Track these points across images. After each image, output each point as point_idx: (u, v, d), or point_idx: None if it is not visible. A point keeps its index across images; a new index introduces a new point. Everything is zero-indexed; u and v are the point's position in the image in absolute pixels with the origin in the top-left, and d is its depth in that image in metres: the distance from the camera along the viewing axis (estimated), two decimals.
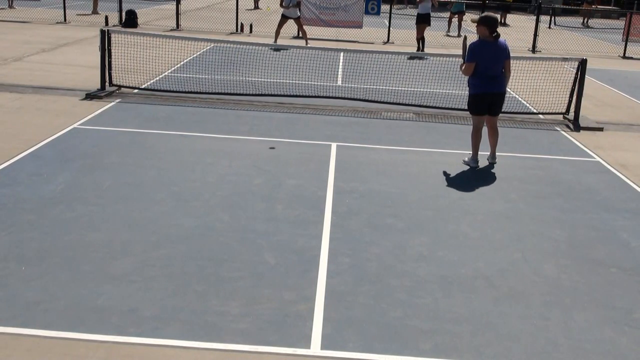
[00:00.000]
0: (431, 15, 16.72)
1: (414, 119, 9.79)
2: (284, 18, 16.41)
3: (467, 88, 7.56)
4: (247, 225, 5.55)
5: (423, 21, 16.47)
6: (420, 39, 16.44)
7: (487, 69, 7.23)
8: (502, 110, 10.18)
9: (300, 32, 16.94)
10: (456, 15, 22.20)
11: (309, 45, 14.78)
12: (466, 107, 7.75)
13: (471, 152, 7.59)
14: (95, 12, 21.83)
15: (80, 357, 3.68)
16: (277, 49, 15.03)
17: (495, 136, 7.67)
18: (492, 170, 7.45)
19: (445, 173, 7.27)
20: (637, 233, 5.89)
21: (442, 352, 3.92)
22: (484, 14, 7.38)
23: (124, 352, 3.74)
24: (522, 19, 30.28)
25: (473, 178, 7.18)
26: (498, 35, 7.27)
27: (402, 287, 4.66)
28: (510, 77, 7.62)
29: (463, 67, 7.36)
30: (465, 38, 7.76)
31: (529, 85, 11.78)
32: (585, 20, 30.38)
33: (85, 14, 20.89)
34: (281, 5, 16.41)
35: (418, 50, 16.48)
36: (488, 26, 7.20)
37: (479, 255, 5.24)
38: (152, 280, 4.55)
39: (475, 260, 5.16)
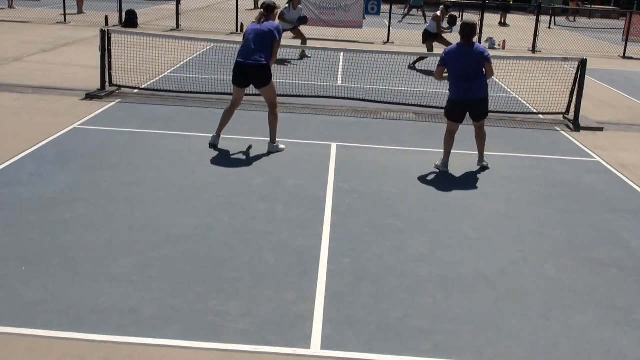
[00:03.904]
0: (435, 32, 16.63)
1: (414, 119, 9.80)
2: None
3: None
4: (247, 225, 5.55)
5: (428, 37, 16.49)
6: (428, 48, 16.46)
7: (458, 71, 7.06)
8: (503, 110, 10.31)
9: (300, 38, 15.51)
10: (415, 9, 26.48)
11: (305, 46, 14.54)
12: None
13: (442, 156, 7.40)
14: (80, 11, 21.64)
15: (80, 357, 3.68)
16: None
17: (482, 138, 7.44)
18: (493, 170, 7.45)
19: (445, 173, 7.26)
20: (637, 233, 5.89)
21: (442, 352, 3.92)
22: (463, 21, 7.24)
23: (124, 352, 3.74)
24: (522, 19, 30.26)
25: (473, 178, 7.18)
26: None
27: (402, 287, 4.66)
28: (511, 78, 7.59)
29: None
30: None
31: (529, 85, 11.77)
32: (573, 18, 30.82)
33: (72, 13, 20.83)
34: (281, 18, 14.14)
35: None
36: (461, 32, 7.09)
37: (479, 255, 5.24)
38: (152, 280, 4.55)
39: (475, 260, 5.16)
